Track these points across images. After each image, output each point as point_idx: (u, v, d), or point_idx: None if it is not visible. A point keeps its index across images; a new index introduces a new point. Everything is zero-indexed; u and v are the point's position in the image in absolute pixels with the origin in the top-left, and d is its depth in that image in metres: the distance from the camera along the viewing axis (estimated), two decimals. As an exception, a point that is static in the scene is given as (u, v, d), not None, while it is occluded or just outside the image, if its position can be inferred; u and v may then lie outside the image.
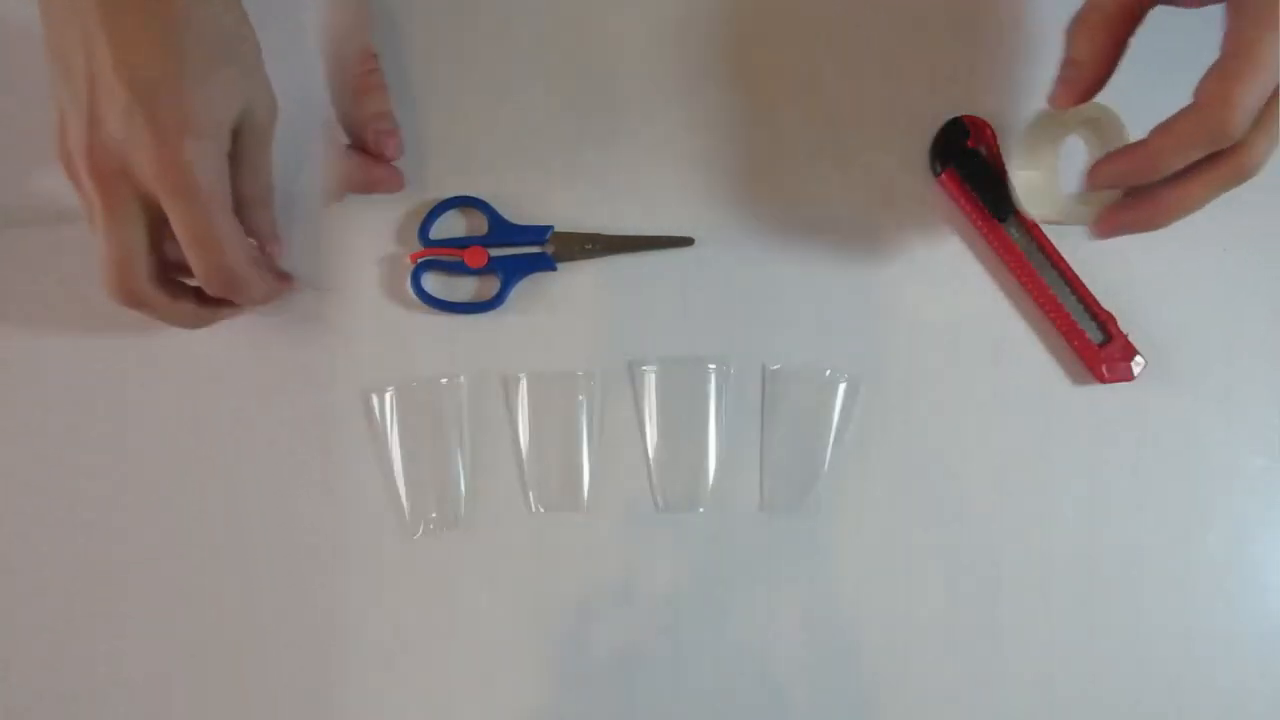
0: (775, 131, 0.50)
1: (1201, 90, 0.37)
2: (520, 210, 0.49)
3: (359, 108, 0.47)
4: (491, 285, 0.49)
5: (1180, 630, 0.49)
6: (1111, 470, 0.50)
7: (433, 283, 0.49)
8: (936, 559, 0.49)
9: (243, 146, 0.41)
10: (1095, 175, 0.41)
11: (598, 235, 0.49)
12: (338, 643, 0.48)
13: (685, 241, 0.50)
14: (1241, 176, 0.39)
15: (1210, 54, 0.52)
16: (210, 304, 0.44)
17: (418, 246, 0.48)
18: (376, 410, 0.48)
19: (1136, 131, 0.41)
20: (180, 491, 0.48)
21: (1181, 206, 0.40)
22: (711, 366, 0.49)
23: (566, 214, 0.49)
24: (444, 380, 0.49)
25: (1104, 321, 0.49)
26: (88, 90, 0.38)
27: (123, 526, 0.48)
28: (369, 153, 0.47)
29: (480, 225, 0.49)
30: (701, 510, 0.49)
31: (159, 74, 0.37)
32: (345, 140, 0.48)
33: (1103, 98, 0.41)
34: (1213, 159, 0.38)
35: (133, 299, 0.41)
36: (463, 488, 0.49)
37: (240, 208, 0.42)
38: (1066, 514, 0.50)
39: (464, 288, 0.49)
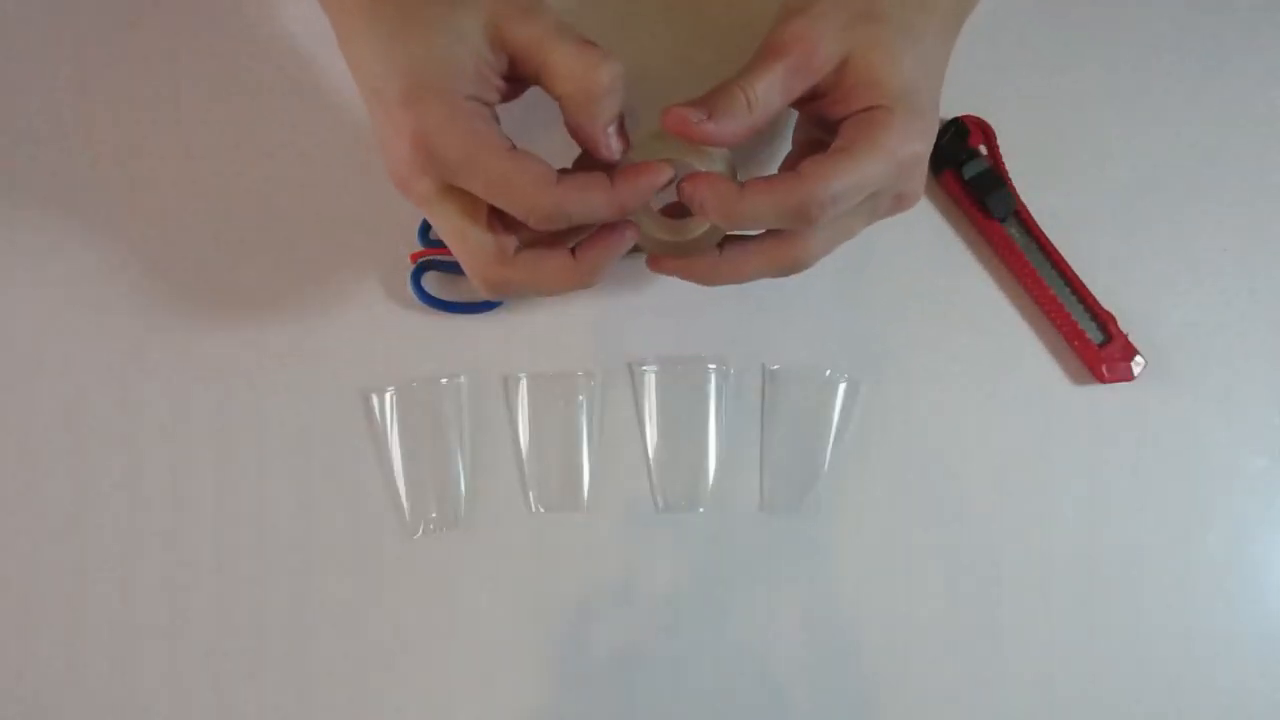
0: (774, 129, 0.50)
1: (809, 170, 0.36)
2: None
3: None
4: (491, 285, 0.49)
5: (1180, 630, 0.49)
6: (1111, 470, 0.50)
7: (433, 283, 0.49)
8: (936, 559, 0.49)
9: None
10: (683, 191, 0.38)
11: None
12: (338, 643, 0.48)
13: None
14: (794, 269, 0.40)
15: (1201, 41, 0.52)
16: (591, 248, 0.39)
17: (418, 246, 0.48)
18: (376, 410, 0.48)
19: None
20: (180, 492, 0.48)
21: (732, 278, 0.41)
22: (711, 366, 0.49)
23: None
24: (444, 380, 0.49)
25: (1104, 321, 0.49)
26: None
27: (122, 527, 0.48)
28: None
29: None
30: (701, 510, 0.49)
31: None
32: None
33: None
34: (775, 242, 0.39)
35: (495, 289, 0.39)
36: (463, 488, 0.49)
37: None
38: (1066, 514, 0.50)
39: (464, 288, 0.49)
